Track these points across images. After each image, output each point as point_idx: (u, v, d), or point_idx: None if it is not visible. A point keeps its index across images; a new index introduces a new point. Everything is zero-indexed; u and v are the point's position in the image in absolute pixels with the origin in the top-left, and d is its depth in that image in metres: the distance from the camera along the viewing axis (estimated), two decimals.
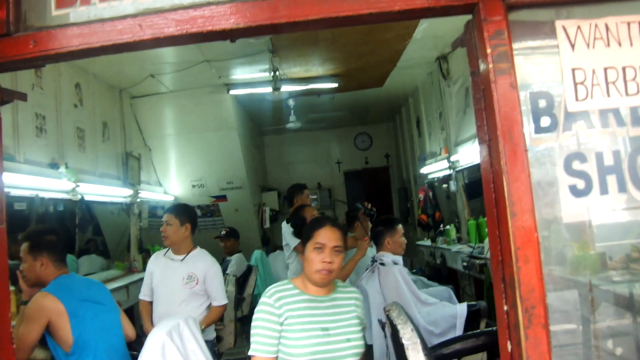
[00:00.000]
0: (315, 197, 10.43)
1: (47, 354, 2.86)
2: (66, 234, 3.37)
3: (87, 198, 5.14)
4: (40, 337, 2.67)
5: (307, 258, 2.39)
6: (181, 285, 3.62)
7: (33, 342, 2.65)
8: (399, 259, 3.93)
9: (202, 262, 3.73)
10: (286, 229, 4.68)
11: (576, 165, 1.70)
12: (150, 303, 3.75)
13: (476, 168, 5.82)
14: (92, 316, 2.79)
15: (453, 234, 6.48)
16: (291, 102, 7.31)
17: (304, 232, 2.51)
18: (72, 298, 2.76)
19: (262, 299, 2.35)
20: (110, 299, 3.08)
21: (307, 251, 2.41)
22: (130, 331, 3.10)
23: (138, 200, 6.59)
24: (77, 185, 4.81)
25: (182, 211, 3.81)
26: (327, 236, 2.39)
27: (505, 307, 1.68)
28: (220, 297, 3.76)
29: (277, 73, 6.00)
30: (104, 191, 5.74)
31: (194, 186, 8.16)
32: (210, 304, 3.76)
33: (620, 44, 1.71)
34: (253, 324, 2.33)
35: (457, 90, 6.11)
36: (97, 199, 5.65)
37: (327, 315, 2.36)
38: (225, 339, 4.35)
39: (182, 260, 3.71)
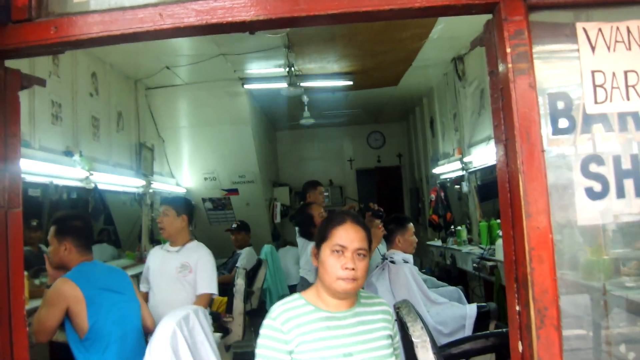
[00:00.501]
0: (326, 194, 10.43)
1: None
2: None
3: (100, 187, 5.17)
4: (61, 321, 2.70)
5: (323, 263, 1.93)
6: (175, 275, 3.64)
7: (53, 327, 2.68)
8: (410, 257, 3.93)
9: (196, 253, 3.73)
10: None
11: (593, 167, 1.69)
12: (147, 294, 3.77)
13: (489, 170, 5.81)
14: (109, 305, 2.81)
15: (464, 235, 6.46)
16: (305, 98, 7.31)
17: (318, 231, 2.05)
18: (91, 285, 2.78)
19: (266, 322, 1.91)
20: (130, 288, 3.09)
21: (322, 255, 1.94)
22: (150, 322, 3.11)
23: (150, 190, 6.63)
24: (91, 174, 4.85)
25: (179, 202, 3.85)
26: (348, 236, 1.92)
27: (518, 308, 1.67)
28: (206, 285, 3.66)
29: (293, 69, 6.00)
30: (117, 180, 5.78)
31: (206, 179, 8.19)
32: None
33: None
34: (257, 351, 1.89)
35: (473, 92, 6.08)
36: (109, 188, 5.69)
37: (349, 336, 1.89)
38: (234, 332, 4.37)
39: (177, 251, 3.73)
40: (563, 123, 1.68)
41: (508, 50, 1.59)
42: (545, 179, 1.61)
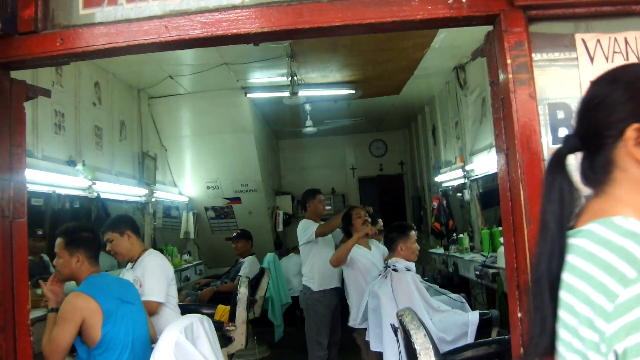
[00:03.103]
0: (329, 202, 10.43)
1: None
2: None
3: (102, 196, 5.19)
4: (76, 337, 2.69)
5: None
6: None
7: (68, 344, 2.66)
8: (412, 265, 3.94)
9: (142, 263, 3.61)
10: (302, 224, 5.06)
11: None
12: None
13: (491, 178, 5.81)
14: (122, 315, 2.82)
15: (466, 242, 6.46)
16: (308, 107, 7.34)
17: None
18: (107, 296, 2.79)
19: None
20: (138, 299, 3.11)
21: None
22: (152, 332, 3.12)
23: (153, 199, 6.65)
24: (94, 183, 4.87)
25: (116, 223, 3.71)
26: None
27: (520, 315, 1.69)
28: (148, 291, 3.47)
29: (295, 78, 6.03)
30: (120, 190, 5.79)
31: (208, 187, 8.20)
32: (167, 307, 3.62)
33: (639, 58, 1.72)
34: None
35: (474, 100, 6.10)
36: (112, 197, 5.70)
37: None
38: (236, 340, 4.37)
39: (132, 268, 3.66)
40: (563, 132, 1.70)
41: (508, 61, 1.62)
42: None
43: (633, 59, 1.71)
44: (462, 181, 6.67)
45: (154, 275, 3.55)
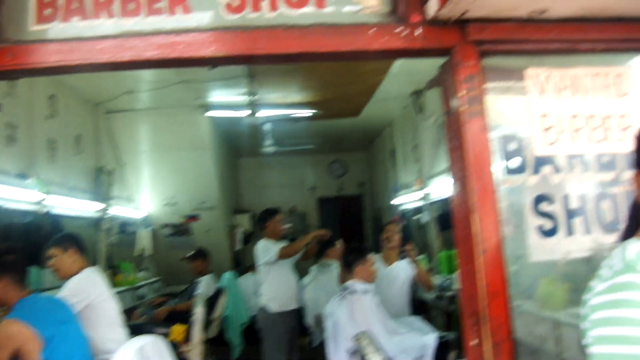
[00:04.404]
0: (288, 221, 10.36)
1: None
2: (27, 249, 3.25)
3: (56, 211, 5.04)
4: None
5: None
6: None
7: None
8: (370, 287, 3.94)
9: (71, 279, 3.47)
10: (262, 244, 4.99)
11: (544, 206, 1.75)
12: None
13: (448, 201, 5.90)
14: (62, 338, 2.71)
15: (424, 264, 6.51)
16: (268, 127, 7.33)
17: None
18: (45, 320, 2.68)
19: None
20: (73, 316, 3.00)
21: None
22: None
23: (108, 215, 6.50)
24: (46, 198, 4.73)
25: (62, 239, 3.60)
26: None
27: (474, 342, 1.70)
28: None
29: (255, 97, 6.01)
30: (74, 205, 5.64)
31: (166, 204, 8.07)
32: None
33: (586, 94, 1.78)
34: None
35: (432, 125, 6.20)
36: (66, 213, 5.55)
37: None
38: None
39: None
40: (514, 163, 1.74)
41: (461, 93, 1.65)
42: (498, 217, 1.66)
43: (580, 95, 1.77)
44: (420, 203, 6.75)
45: (64, 292, 3.38)
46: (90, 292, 3.45)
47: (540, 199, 1.75)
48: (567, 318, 1.76)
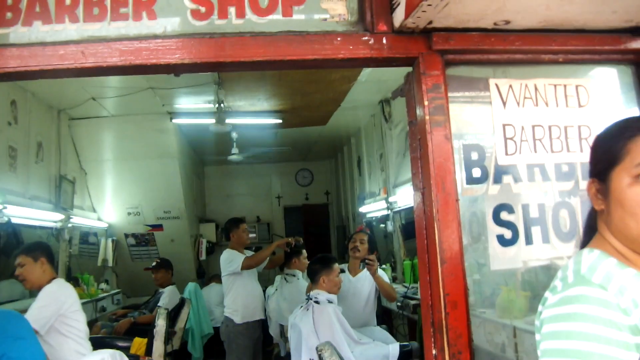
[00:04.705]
0: (253, 230, 10.33)
1: None
2: None
3: (14, 221, 4.91)
4: None
5: (620, 201, 1.13)
6: None
7: None
8: (334, 297, 3.94)
9: (41, 291, 3.39)
10: (227, 254, 4.93)
11: (504, 215, 1.78)
12: None
13: (412, 210, 5.95)
14: (17, 355, 2.63)
15: (389, 273, 6.54)
16: (234, 135, 7.29)
17: (601, 151, 1.21)
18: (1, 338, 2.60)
19: (592, 294, 1.05)
20: (30, 330, 2.91)
21: (616, 186, 1.14)
22: None
23: (69, 225, 6.35)
24: (4, 207, 4.60)
25: (32, 247, 3.55)
26: None
27: (434, 352, 1.71)
28: (27, 316, 3.13)
29: (222, 105, 5.98)
30: (34, 215, 5.50)
31: (129, 214, 7.95)
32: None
33: (547, 104, 1.82)
34: (578, 345, 1.01)
35: (398, 134, 6.26)
36: (25, 222, 5.41)
37: None
38: None
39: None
40: (476, 172, 1.77)
41: (426, 102, 1.67)
42: (459, 226, 1.68)
43: (542, 105, 1.81)
44: (385, 212, 6.79)
45: (39, 302, 3.31)
46: (63, 302, 3.39)
47: (500, 208, 1.78)
48: (526, 326, 1.79)
